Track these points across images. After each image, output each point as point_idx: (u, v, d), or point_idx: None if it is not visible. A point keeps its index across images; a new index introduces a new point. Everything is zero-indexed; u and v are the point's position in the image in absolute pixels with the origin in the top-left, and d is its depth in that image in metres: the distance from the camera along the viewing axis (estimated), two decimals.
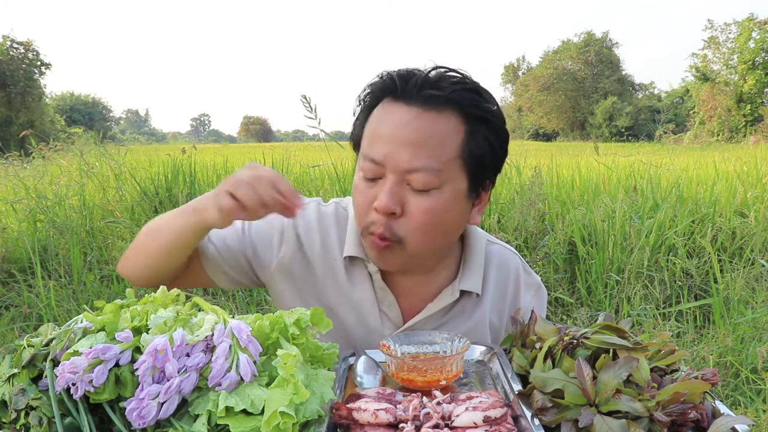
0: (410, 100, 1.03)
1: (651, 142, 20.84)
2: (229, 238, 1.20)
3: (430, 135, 1.01)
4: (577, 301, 3.68)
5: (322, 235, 1.20)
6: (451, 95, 1.02)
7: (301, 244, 1.20)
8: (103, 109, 56.70)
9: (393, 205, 1.02)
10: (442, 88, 1.02)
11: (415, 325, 1.18)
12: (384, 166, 1.03)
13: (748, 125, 29.29)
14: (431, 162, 1.00)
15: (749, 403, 2.55)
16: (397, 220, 1.04)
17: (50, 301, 3.39)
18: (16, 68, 28.55)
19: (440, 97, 1.02)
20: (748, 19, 31.64)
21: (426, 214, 1.03)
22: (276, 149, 6.82)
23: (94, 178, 5.00)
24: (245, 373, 0.75)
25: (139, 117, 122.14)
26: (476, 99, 1.04)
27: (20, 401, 0.77)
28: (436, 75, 1.04)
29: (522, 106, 50.01)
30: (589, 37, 48.30)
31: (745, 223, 4.22)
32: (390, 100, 1.05)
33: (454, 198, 1.05)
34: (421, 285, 1.19)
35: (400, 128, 1.02)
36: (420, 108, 1.02)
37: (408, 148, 1.00)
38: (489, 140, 1.05)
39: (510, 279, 1.26)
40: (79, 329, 0.83)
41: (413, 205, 1.03)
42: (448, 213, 1.05)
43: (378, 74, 1.08)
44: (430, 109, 1.02)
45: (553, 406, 0.79)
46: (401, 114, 1.03)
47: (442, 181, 1.02)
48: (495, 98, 1.09)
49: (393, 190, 1.02)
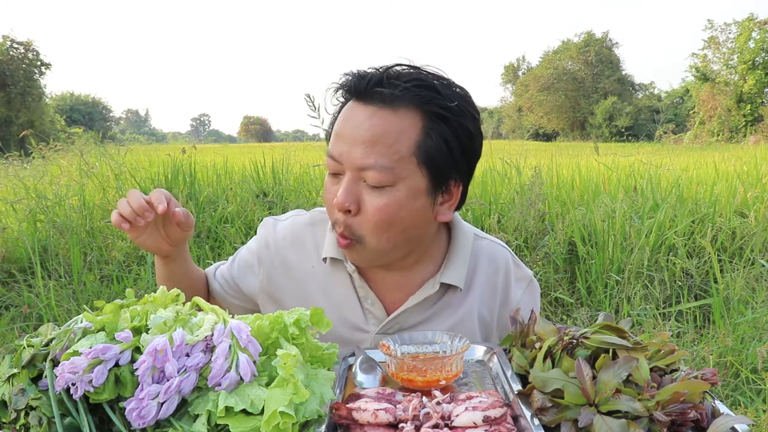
0: (366, 98, 1.04)
1: (651, 142, 20.85)
2: (225, 271, 1.33)
3: (382, 133, 1.02)
4: (577, 301, 3.68)
5: (296, 248, 1.25)
6: (404, 93, 1.02)
7: (275, 263, 1.25)
8: (103, 109, 56.70)
9: (348, 202, 1.04)
10: (396, 86, 1.02)
11: (398, 318, 1.18)
12: (341, 164, 1.05)
13: (748, 125, 29.28)
14: (383, 160, 1.01)
15: (749, 403, 2.55)
16: (355, 218, 1.06)
17: (50, 301, 3.40)
18: (16, 68, 28.55)
19: (393, 95, 1.02)
20: (748, 19, 31.62)
21: (380, 212, 1.03)
22: (276, 149, 6.81)
23: (94, 178, 5.00)
24: (245, 373, 0.75)
25: (139, 117, 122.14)
26: (432, 96, 1.03)
27: (20, 401, 0.77)
28: (392, 73, 1.05)
29: (522, 106, 49.98)
30: (589, 37, 48.28)
31: (745, 223, 4.22)
32: (354, 101, 1.07)
33: (411, 195, 1.04)
34: (403, 280, 1.19)
35: (355, 127, 1.04)
36: (375, 107, 1.03)
37: (361, 146, 1.02)
38: (445, 138, 1.04)
39: (500, 273, 1.26)
40: (78, 329, 0.83)
41: (368, 202, 1.04)
42: (403, 210, 1.05)
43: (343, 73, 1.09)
44: (385, 107, 1.03)
45: (552, 406, 0.79)
46: (358, 113, 1.04)
47: (396, 178, 1.03)
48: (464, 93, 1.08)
49: (349, 187, 1.04)
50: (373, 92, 1.03)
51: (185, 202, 4.43)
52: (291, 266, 1.24)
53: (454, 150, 1.05)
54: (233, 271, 1.31)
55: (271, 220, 1.30)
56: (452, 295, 1.21)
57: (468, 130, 1.06)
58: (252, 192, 4.92)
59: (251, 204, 4.62)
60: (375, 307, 1.19)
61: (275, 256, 1.25)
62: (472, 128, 1.07)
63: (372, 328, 1.19)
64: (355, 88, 1.05)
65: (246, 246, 1.33)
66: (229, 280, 1.31)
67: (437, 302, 1.20)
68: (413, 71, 1.05)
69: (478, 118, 1.09)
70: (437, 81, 1.05)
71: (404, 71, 1.05)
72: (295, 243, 1.25)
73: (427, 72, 1.06)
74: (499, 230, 4.07)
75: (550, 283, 3.74)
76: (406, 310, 1.18)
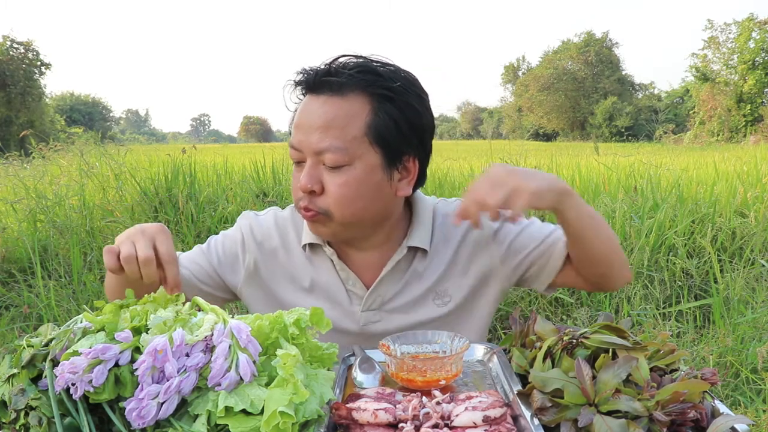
0: (317, 90, 1.14)
1: (651, 142, 20.84)
2: (198, 258, 1.30)
3: (333, 117, 1.11)
4: (577, 301, 3.68)
5: (281, 235, 1.31)
6: (350, 80, 1.11)
7: (263, 249, 1.30)
8: (103, 109, 56.74)
9: (311, 183, 1.12)
10: (341, 74, 1.12)
11: (378, 290, 1.25)
12: (301, 151, 1.14)
13: (748, 125, 29.27)
14: (336, 142, 1.10)
15: (749, 403, 2.55)
16: (319, 197, 1.14)
17: (50, 301, 3.39)
18: (16, 68, 28.56)
19: (340, 83, 1.11)
20: (748, 19, 31.62)
21: (341, 188, 1.12)
22: (276, 149, 6.80)
23: (94, 178, 5.00)
24: (245, 373, 0.75)
25: (139, 117, 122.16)
26: (376, 79, 1.13)
27: (20, 401, 0.77)
28: (339, 63, 1.14)
29: (522, 106, 50.00)
30: (589, 37, 48.28)
31: (745, 223, 4.21)
32: (307, 94, 1.17)
33: (367, 172, 1.13)
34: (378, 258, 1.26)
35: (309, 115, 1.13)
36: (326, 95, 1.13)
37: (316, 132, 1.11)
38: (392, 116, 1.13)
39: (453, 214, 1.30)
40: (78, 329, 0.83)
41: (329, 182, 1.13)
42: (363, 185, 1.13)
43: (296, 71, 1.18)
44: (334, 95, 1.12)
45: (552, 406, 0.79)
46: (311, 103, 1.14)
47: (352, 157, 1.11)
48: (408, 76, 1.17)
49: (310, 171, 1.13)
50: (322, 82, 1.13)
51: (185, 202, 4.43)
52: (277, 253, 1.30)
53: (402, 126, 1.14)
54: (211, 258, 1.30)
55: (251, 213, 1.36)
56: (422, 259, 1.27)
57: (413, 107, 1.16)
58: (252, 192, 4.92)
59: (251, 204, 4.62)
60: (356, 287, 1.26)
61: (262, 244, 1.30)
62: (417, 106, 1.16)
63: (356, 307, 1.26)
64: (306, 82, 1.15)
65: (222, 236, 1.33)
66: (205, 266, 1.29)
67: (408, 268, 1.26)
68: (358, 60, 1.15)
69: (425, 98, 1.19)
70: (381, 67, 1.15)
71: (349, 61, 1.15)
72: (278, 232, 1.31)
73: (372, 60, 1.16)
74: None
75: None
76: (382, 280, 1.24)
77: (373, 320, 1.25)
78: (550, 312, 3.60)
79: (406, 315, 1.25)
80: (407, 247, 1.24)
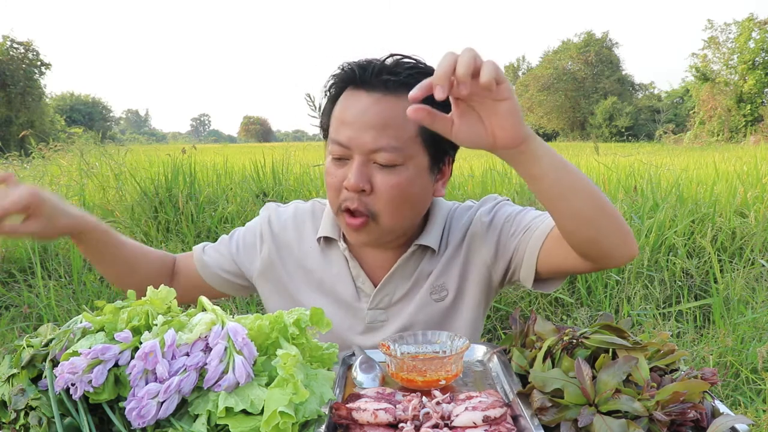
0: (370, 86, 1.12)
1: (651, 142, 20.85)
2: (220, 246, 1.36)
3: (390, 117, 1.10)
4: (577, 301, 3.68)
5: (297, 227, 1.32)
6: (407, 79, 1.10)
7: (279, 240, 1.31)
8: (103, 109, 56.72)
9: (362, 183, 1.10)
10: (398, 73, 1.11)
11: (385, 288, 1.24)
12: (350, 149, 1.11)
13: (748, 125, 29.28)
14: (393, 141, 1.10)
15: (749, 403, 2.55)
16: (368, 197, 1.12)
17: (50, 301, 3.39)
18: (16, 68, 28.57)
19: (397, 82, 1.10)
20: (748, 19, 31.63)
21: (393, 189, 1.11)
22: (276, 149, 6.80)
23: (94, 178, 5.00)
24: (240, 375, 0.75)
25: (139, 117, 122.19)
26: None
27: (20, 401, 0.77)
28: (392, 62, 1.13)
29: (522, 106, 49.73)
30: (589, 37, 48.27)
31: (745, 223, 4.22)
32: (352, 89, 1.14)
33: (418, 173, 1.13)
34: (391, 258, 1.26)
35: (362, 113, 1.11)
36: (380, 93, 1.11)
37: (371, 130, 1.09)
38: None
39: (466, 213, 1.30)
40: (78, 329, 0.83)
41: (380, 181, 1.11)
42: (413, 187, 1.13)
43: (339, 66, 1.17)
44: (389, 94, 1.11)
45: (552, 406, 0.79)
46: (363, 100, 1.12)
47: (405, 158, 1.11)
48: None
49: (360, 169, 1.11)
50: (377, 80, 1.11)
51: (185, 202, 4.43)
52: (291, 245, 1.31)
53: None
54: (231, 248, 1.34)
55: (273, 204, 1.38)
56: (431, 259, 1.26)
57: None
58: (252, 192, 4.92)
59: (251, 204, 4.62)
60: (366, 285, 1.26)
61: (278, 235, 1.31)
62: None
63: (363, 305, 1.26)
64: (360, 77, 1.13)
65: (246, 227, 1.37)
66: (225, 254, 1.34)
67: (417, 268, 1.26)
68: (411, 61, 1.15)
69: None
70: (432, 69, 1.13)
71: (402, 61, 1.14)
72: (296, 224, 1.32)
73: (423, 62, 1.16)
74: None
75: None
76: (390, 278, 1.24)
77: (379, 319, 1.25)
78: (550, 312, 3.60)
79: (412, 316, 1.25)
80: (415, 245, 1.24)
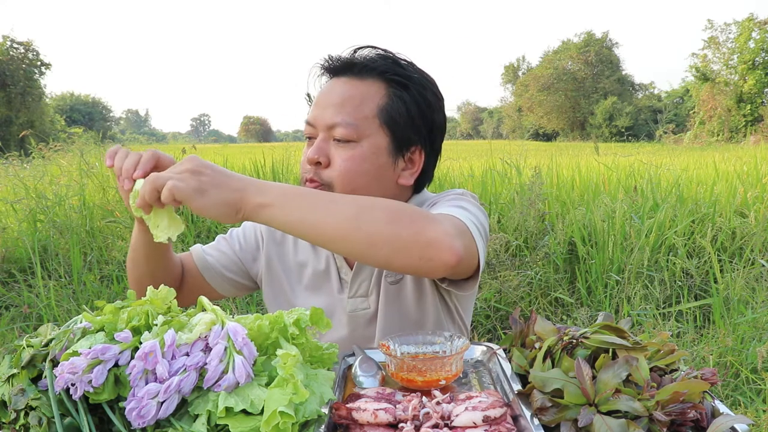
0: (339, 72, 1.21)
1: (651, 142, 20.85)
2: (220, 245, 1.38)
3: (350, 96, 1.17)
4: (577, 301, 3.68)
5: None
6: (370, 63, 1.18)
7: (275, 238, 1.37)
8: (103, 109, 56.74)
9: (318, 155, 1.17)
10: (364, 57, 1.20)
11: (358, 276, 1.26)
12: (315, 127, 1.20)
13: (748, 125, 29.26)
14: (348, 118, 1.16)
15: (749, 403, 2.55)
16: (324, 170, 1.18)
17: (50, 301, 3.39)
18: (16, 68, 28.56)
19: (360, 65, 1.18)
20: (748, 19, 31.60)
21: (345, 162, 1.16)
22: (276, 149, 6.80)
23: (94, 178, 5.00)
24: (240, 375, 0.75)
25: (139, 117, 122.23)
26: (394, 67, 1.19)
27: (20, 401, 0.77)
28: (362, 51, 1.21)
29: (522, 106, 49.97)
30: (589, 37, 48.26)
31: (745, 223, 4.22)
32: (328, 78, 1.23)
33: (373, 152, 1.18)
34: None
35: (327, 94, 1.20)
36: (346, 77, 1.20)
37: (330, 107, 1.17)
38: (405, 102, 1.18)
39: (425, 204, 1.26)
40: (78, 329, 0.83)
41: (335, 155, 1.17)
42: (366, 163, 1.17)
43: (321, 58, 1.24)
44: (353, 77, 1.19)
45: (552, 406, 0.79)
46: (331, 84, 1.21)
47: (361, 135, 1.16)
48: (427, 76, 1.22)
49: (320, 144, 1.18)
50: (344, 66, 1.20)
51: None
52: (286, 242, 1.36)
53: (414, 115, 1.19)
54: (233, 245, 1.37)
55: None
56: None
57: (427, 100, 1.21)
58: None
59: None
60: (348, 276, 1.30)
61: (274, 232, 1.36)
62: (432, 101, 1.21)
63: (345, 295, 1.30)
64: (330, 66, 1.22)
65: (243, 226, 1.41)
66: (228, 252, 1.37)
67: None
68: (381, 51, 1.21)
69: (440, 98, 1.24)
70: (402, 60, 1.21)
71: (373, 51, 1.21)
72: None
73: (394, 53, 1.21)
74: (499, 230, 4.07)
75: (550, 283, 3.74)
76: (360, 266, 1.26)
77: (361, 307, 1.28)
78: (550, 312, 3.60)
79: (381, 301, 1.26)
80: None
